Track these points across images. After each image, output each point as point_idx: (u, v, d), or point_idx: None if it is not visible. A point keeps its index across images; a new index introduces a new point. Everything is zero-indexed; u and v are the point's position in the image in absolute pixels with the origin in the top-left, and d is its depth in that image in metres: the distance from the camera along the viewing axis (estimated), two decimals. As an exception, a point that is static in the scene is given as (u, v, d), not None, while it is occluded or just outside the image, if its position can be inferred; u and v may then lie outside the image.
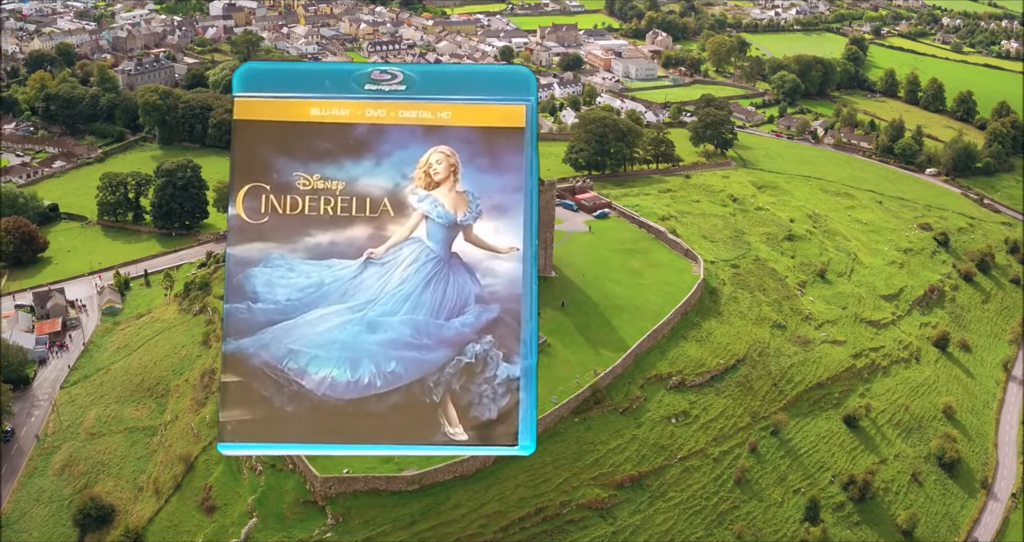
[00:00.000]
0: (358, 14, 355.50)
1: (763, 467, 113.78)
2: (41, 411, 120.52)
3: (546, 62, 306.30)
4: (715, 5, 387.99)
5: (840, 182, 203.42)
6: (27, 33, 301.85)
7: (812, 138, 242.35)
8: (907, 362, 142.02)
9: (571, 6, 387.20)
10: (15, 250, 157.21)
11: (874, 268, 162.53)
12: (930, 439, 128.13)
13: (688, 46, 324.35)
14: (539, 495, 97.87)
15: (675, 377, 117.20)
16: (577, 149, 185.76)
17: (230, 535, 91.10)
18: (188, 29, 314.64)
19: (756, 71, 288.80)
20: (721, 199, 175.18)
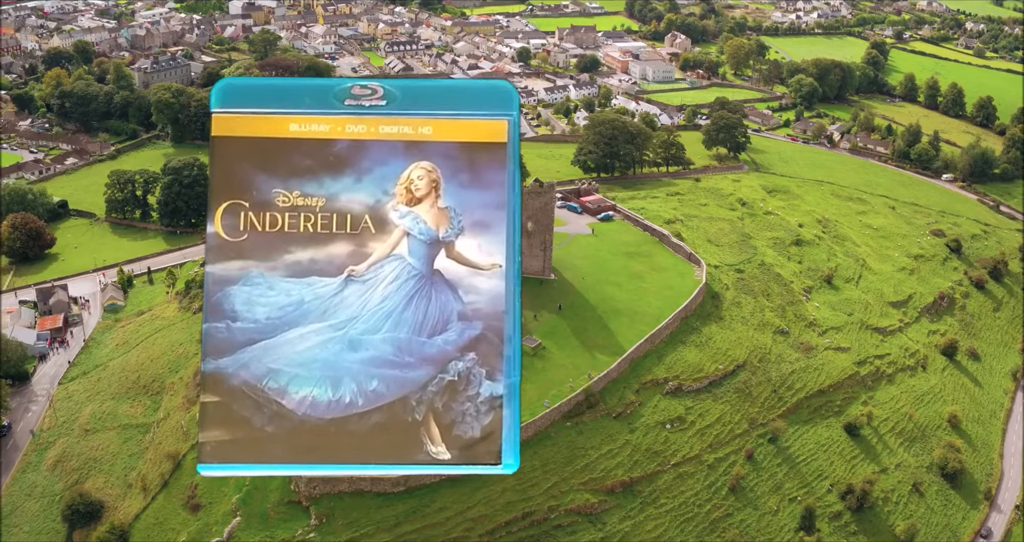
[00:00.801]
0: (377, 14, 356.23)
1: (759, 475, 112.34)
2: (39, 406, 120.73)
3: (563, 63, 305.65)
4: (736, 8, 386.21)
5: (853, 187, 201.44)
6: (47, 30, 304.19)
7: (828, 142, 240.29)
8: (913, 370, 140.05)
9: (591, 8, 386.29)
10: (22, 246, 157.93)
11: (883, 274, 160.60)
12: (933, 449, 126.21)
13: (707, 49, 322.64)
14: (527, 499, 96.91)
15: (672, 382, 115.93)
16: (586, 151, 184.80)
17: (213, 534, 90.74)
18: (207, 28, 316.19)
19: (774, 74, 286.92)
20: (730, 203, 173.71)
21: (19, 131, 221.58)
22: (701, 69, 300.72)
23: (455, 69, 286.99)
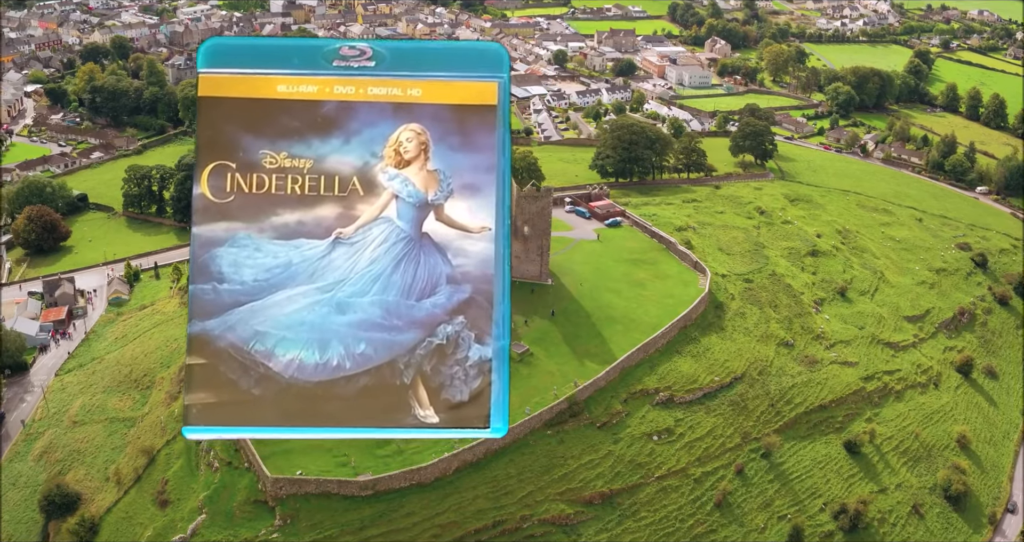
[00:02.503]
0: (418, 15, 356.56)
1: (748, 491, 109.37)
2: (33, 397, 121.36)
3: (599, 67, 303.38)
4: (781, 14, 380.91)
5: (880, 198, 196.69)
6: (90, 25, 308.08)
7: (861, 151, 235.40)
8: (924, 387, 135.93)
9: (633, 12, 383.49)
10: (36, 238, 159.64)
11: (901, 287, 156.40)
12: (938, 469, 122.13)
13: (747, 55, 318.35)
14: (499, 507, 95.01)
15: (663, 393, 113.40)
16: (604, 155, 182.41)
17: (178, 530, 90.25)
18: (246, 25, 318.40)
19: (812, 82, 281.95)
20: (747, 211, 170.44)
21: (50, 124, 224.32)
22: (739, 75, 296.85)
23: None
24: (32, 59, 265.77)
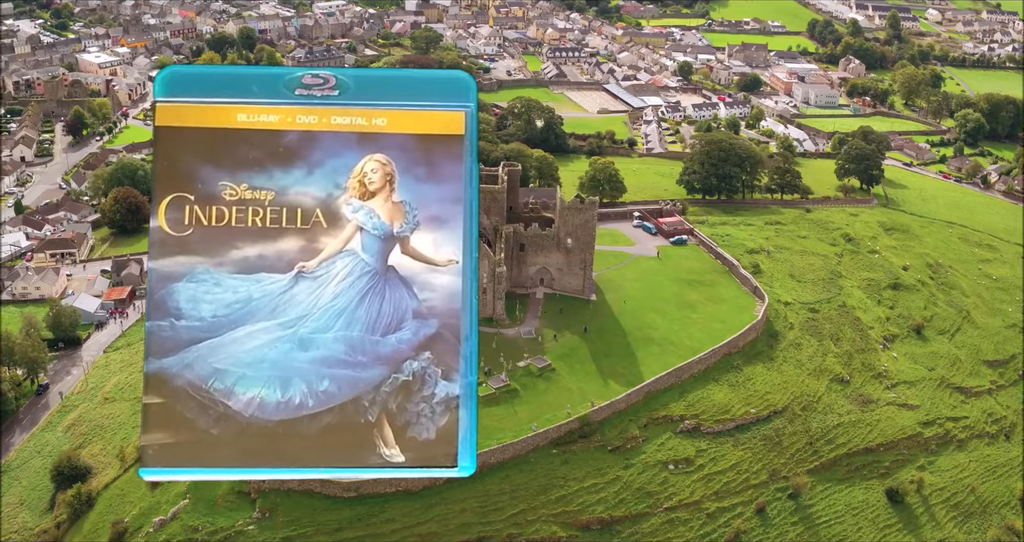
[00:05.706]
0: (551, 19, 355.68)
1: (766, 531, 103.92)
2: (79, 371, 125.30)
3: (725, 81, 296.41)
4: (927, 36, 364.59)
5: (987, 232, 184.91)
6: (227, 15, 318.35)
7: (982, 183, 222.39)
8: (992, 438, 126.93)
9: (772, 26, 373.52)
10: (121, 218, 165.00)
11: (987, 329, 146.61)
12: (989, 528, 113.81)
13: (881, 76, 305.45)
14: (486, 523, 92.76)
15: (689, 421, 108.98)
16: (690, 171, 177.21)
17: (160, 512, 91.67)
18: (376, 22, 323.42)
19: (944, 107, 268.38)
20: (832, 237, 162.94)
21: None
22: (868, 96, 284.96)
23: (610, 78, 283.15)
24: (164, 45, 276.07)
